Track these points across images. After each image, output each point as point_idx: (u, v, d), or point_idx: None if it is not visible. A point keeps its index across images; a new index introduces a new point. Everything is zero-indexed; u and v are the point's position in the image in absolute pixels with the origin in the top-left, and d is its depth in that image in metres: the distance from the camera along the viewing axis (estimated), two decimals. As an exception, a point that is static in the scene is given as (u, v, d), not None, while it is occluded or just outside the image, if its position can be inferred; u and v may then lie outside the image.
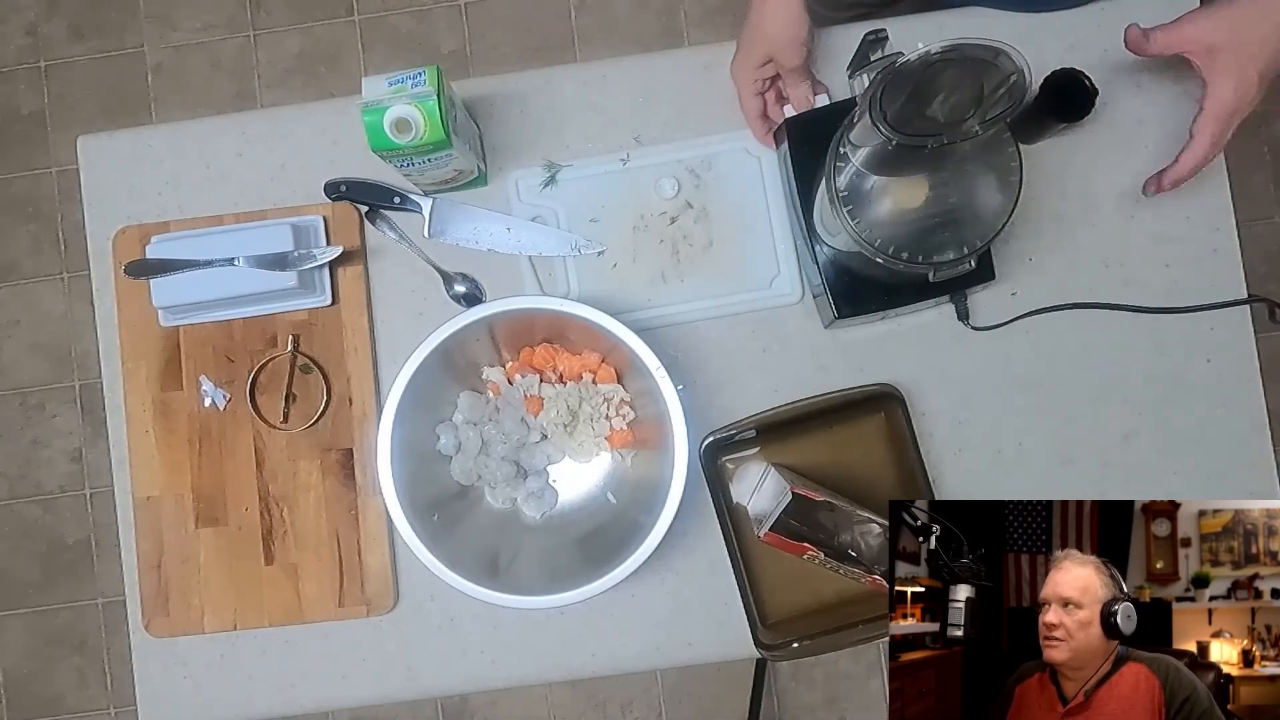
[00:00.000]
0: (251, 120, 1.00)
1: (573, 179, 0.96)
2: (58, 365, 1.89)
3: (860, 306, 0.89)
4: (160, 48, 1.92)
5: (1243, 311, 0.94)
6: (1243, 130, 0.80)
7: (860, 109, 0.72)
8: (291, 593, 0.94)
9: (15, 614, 1.88)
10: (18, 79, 1.93)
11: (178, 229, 0.95)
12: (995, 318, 0.93)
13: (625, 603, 0.94)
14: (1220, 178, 0.94)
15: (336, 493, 0.94)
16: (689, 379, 0.94)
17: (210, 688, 0.95)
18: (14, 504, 1.89)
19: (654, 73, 0.97)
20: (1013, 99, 0.66)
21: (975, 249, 0.79)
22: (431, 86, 0.81)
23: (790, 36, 0.84)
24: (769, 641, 0.87)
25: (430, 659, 0.94)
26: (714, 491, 0.89)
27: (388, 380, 0.94)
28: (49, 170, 1.91)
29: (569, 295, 0.95)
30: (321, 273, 0.94)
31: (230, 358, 0.95)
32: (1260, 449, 0.93)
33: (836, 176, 0.78)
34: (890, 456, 0.92)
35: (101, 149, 0.99)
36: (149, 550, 0.94)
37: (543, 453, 0.93)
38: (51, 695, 1.87)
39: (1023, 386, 0.94)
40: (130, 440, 0.95)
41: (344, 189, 0.94)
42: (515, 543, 0.92)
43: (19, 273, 1.90)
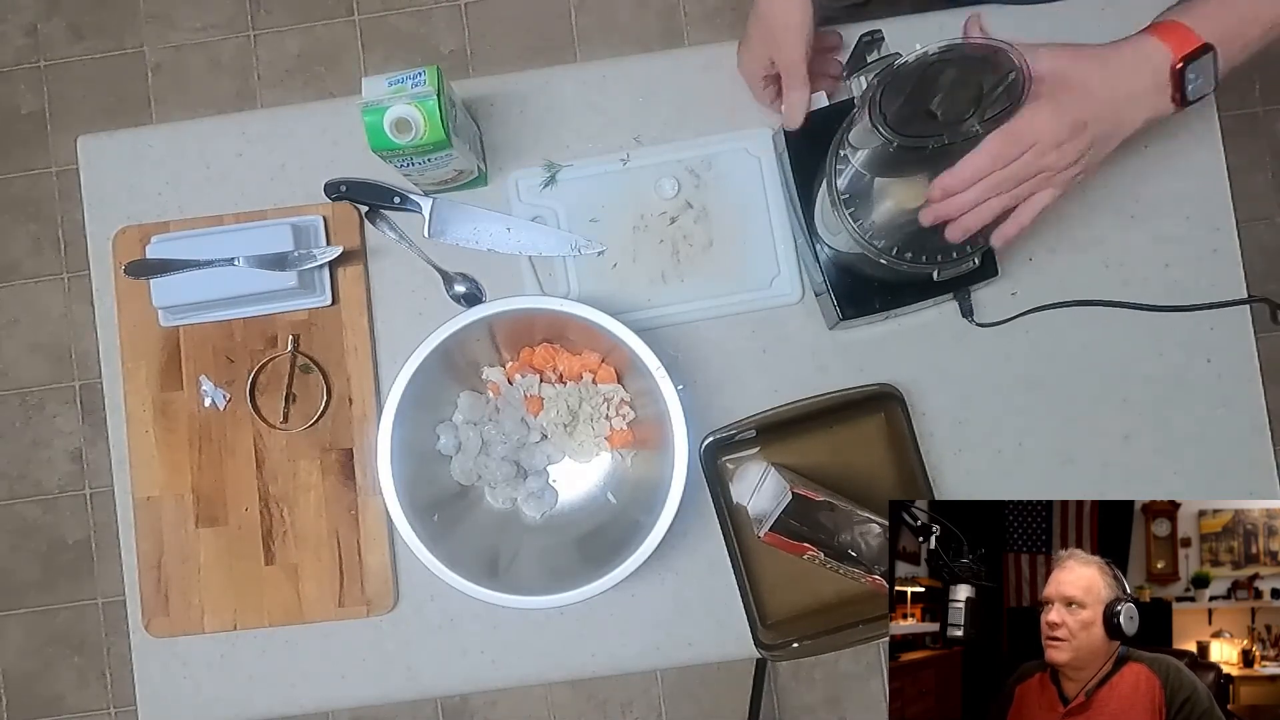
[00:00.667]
0: (251, 120, 1.00)
1: (573, 179, 0.96)
2: (58, 365, 1.89)
3: (864, 307, 0.89)
4: (160, 48, 1.92)
5: (1243, 311, 0.94)
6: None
7: (859, 111, 0.72)
8: (291, 593, 0.93)
9: (15, 614, 1.88)
10: (18, 79, 1.93)
11: (178, 229, 0.95)
12: (997, 316, 0.93)
13: (625, 603, 0.94)
14: (1220, 178, 0.95)
15: (336, 493, 0.94)
16: (689, 379, 0.94)
17: (210, 688, 0.95)
18: (14, 504, 1.89)
19: (654, 73, 0.97)
20: (1012, 97, 0.66)
21: (979, 245, 0.79)
22: (431, 86, 0.81)
23: (787, 22, 0.81)
24: (769, 641, 0.87)
25: (430, 659, 0.94)
26: (714, 491, 0.89)
27: (388, 380, 0.93)
28: (49, 170, 1.91)
29: (569, 295, 0.95)
30: (321, 273, 0.94)
31: (230, 358, 0.95)
32: (1260, 449, 0.93)
33: (837, 178, 0.78)
34: (890, 456, 0.92)
35: (101, 149, 0.99)
36: (149, 550, 0.94)
37: (543, 453, 0.93)
38: (51, 695, 1.87)
39: (1023, 386, 0.94)
40: (130, 440, 0.95)
41: (344, 189, 0.94)
42: (515, 543, 0.92)
43: (19, 273, 1.90)
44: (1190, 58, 0.72)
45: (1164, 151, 0.95)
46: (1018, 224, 0.75)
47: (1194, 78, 0.72)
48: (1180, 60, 0.72)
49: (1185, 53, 0.72)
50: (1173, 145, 0.94)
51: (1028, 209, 0.75)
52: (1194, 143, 0.95)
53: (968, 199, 0.72)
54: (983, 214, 0.74)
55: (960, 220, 0.74)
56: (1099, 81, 0.71)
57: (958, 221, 0.74)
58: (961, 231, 0.75)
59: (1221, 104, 0.95)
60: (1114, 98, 0.72)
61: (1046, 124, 0.70)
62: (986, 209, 0.73)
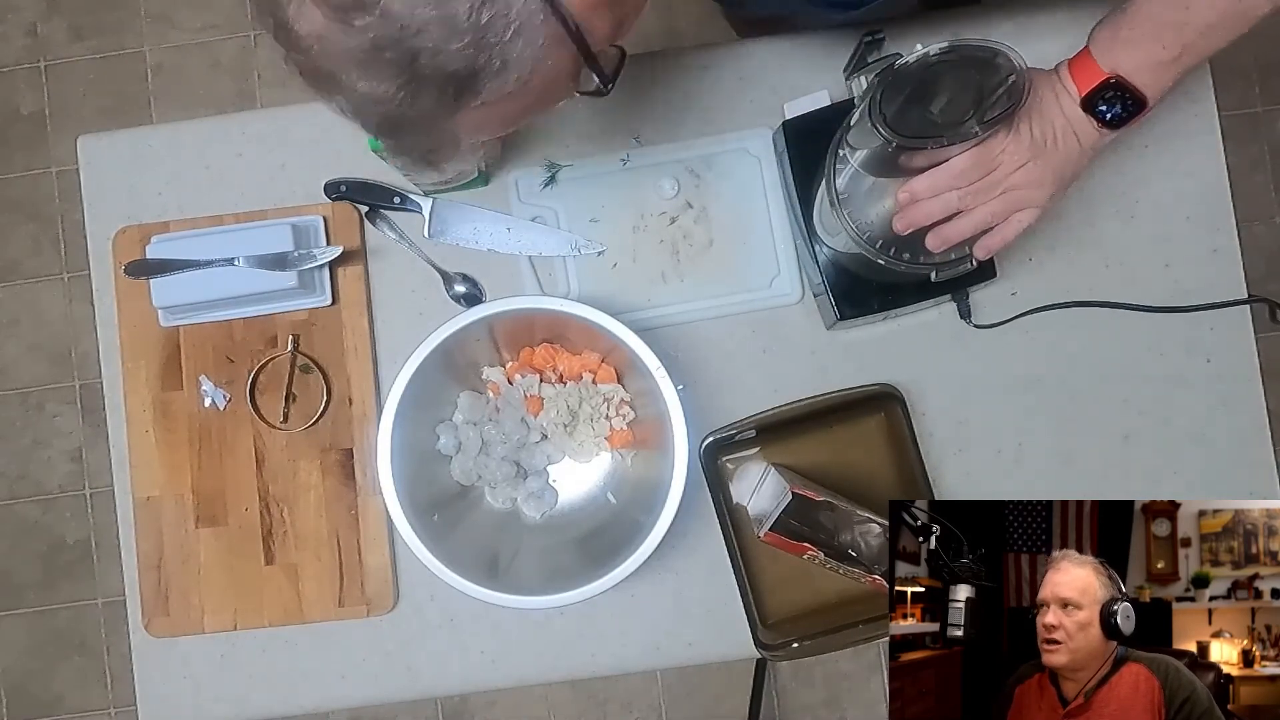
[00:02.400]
0: (251, 120, 1.00)
1: (573, 179, 0.96)
2: (58, 365, 1.89)
3: (862, 307, 0.89)
4: (160, 48, 1.92)
5: (1243, 311, 0.94)
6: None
7: (859, 111, 0.72)
8: (291, 593, 0.93)
9: (15, 614, 1.88)
10: (18, 79, 1.93)
11: (178, 229, 0.95)
12: (996, 317, 0.93)
13: (625, 603, 0.94)
14: (1220, 178, 0.95)
15: (336, 493, 0.94)
16: (689, 379, 0.94)
17: (210, 688, 0.95)
18: (14, 504, 1.88)
19: (654, 73, 0.97)
20: (1012, 99, 0.66)
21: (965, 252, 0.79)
22: (431, 86, 0.80)
23: None
24: (769, 641, 0.87)
25: (430, 659, 0.94)
26: (714, 491, 0.89)
27: (388, 380, 0.93)
28: (49, 170, 1.91)
29: (569, 295, 0.95)
30: (321, 273, 0.94)
31: (230, 358, 0.95)
32: (1260, 449, 0.93)
33: (836, 178, 0.78)
34: (890, 456, 0.92)
35: (101, 149, 0.99)
36: (149, 550, 0.94)
37: (543, 453, 0.93)
38: (51, 695, 1.87)
39: (1023, 386, 0.94)
40: (130, 440, 0.95)
41: (344, 189, 0.94)
42: (515, 543, 0.92)
43: (19, 273, 1.90)
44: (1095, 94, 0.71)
45: (1164, 151, 0.95)
46: (1001, 238, 0.76)
47: (1105, 109, 0.71)
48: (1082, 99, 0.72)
49: (1086, 91, 0.71)
50: (1173, 145, 0.94)
51: (1011, 226, 0.75)
52: (1194, 143, 0.95)
53: (932, 208, 0.73)
54: (961, 228, 0.74)
55: (939, 230, 0.75)
56: (1039, 112, 0.72)
57: (936, 231, 0.75)
58: (940, 241, 0.75)
59: (1221, 104, 0.95)
60: (1052, 128, 0.72)
61: (1009, 146, 0.71)
62: (967, 223, 0.74)
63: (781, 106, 0.93)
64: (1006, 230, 0.75)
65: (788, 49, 0.97)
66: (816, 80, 0.94)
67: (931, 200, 0.73)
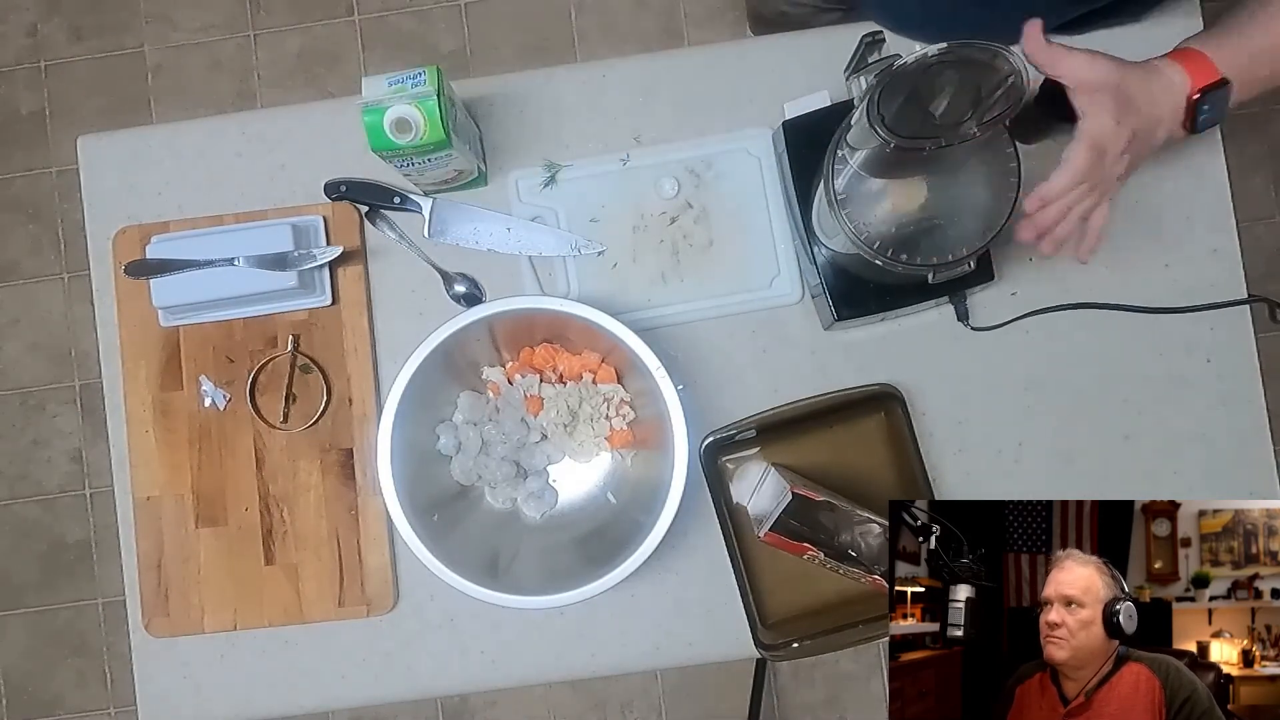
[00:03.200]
0: (251, 120, 1.00)
1: (573, 179, 0.96)
2: (58, 365, 1.89)
3: (859, 308, 0.89)
4: (160, 48, 1.92)
5: (1243, 311, 0.94)
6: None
7: (858, 111, 0.72)
8: (291, 593, 0.94)
9: (15, 614, 1.88)
10: (18, 79, 1.93)
11: (178, 229, 0.95)
12: (995, 318, 0.93)
13: (625, 603, 0.94)
14: (1220, 178, 0.95)
15: (336, 493, 0.94)
16: (689, 379, 0.94)
17: (210, 688, 0.95)
18: (14, 504, 1.88)
19: (654, 73, 0.97)
20: (1011, 100, 0.66)
21: (975, 250, 0.78)
22: (431, 86, 0.81)
23: None
24: (769, 641, 0.87)
25: (430, 659, 0.94)
26: (714, 491, 0.89)
27: (388, 380, 0.93)
28: (49, 170, 1.91)
29: (569, 295, 0.95)
30: (321, 273, 0.94)
31: (230, 358, 0.95)
32: (1260, 449, 0.93)
33: (834, 179, 0.78)
34: (890, 456, 0.92)
35: (101, 149, 0.99)
36: (149, 550, 0.94)
37: (543, 453, 0.93)
38: (51, 695, 1.87)
39: (1023, 386, 0.94)
40: (130, 440, 0.95)
41: (344, 189, 0.94)
42: (515, 543, 0.92)
43: (19, 273, 1.90)
44: (1208, 89, 0.72)
45: (1164, 152, 0.94)
46: (1095, 236, 0.76)
47: (1207, 109, 0.73)
48: (1197, 91, 0.73)
49: (1203, 85, 0.72)
50: (1173, 146, 0.94)
51: (1096, 219, 0.75)
52: (1194, 143, 0.94)
53: (1060, 209, 0.73)
54: (1069, 224, 0.74)
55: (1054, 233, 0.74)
56: (1145, 99, 0.72)
57: (1052, 234, 0.75)
58: (1054, 244, 0.75)
59: (1221, 104, 0.95)
60: (1152, 115, 0.73)
61: (1114, 132, 0.71)
62: (1073, 217, 0.74)
63: (782, 106, 0.93)
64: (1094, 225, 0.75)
65: (788, 49, 0.97)
66: (816, 80, 0.94)
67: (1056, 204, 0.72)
